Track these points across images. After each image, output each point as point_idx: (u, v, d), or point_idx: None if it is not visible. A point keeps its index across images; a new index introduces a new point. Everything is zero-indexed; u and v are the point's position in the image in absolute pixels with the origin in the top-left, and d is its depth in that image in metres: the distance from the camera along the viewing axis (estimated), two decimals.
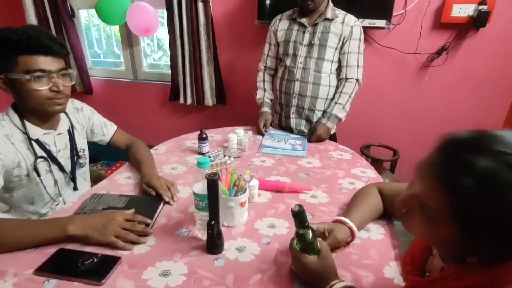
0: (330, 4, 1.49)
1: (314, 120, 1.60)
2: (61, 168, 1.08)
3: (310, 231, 0.68)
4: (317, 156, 1.39)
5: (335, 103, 1.54)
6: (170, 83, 2.37)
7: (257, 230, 0.88)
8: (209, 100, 2.32)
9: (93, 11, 2.41)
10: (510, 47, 1.75)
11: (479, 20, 1.69)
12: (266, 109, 1.69)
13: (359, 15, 1.65)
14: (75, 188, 1.15)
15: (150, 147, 1.35)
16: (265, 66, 1.73)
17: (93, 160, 2.67)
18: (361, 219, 0.86)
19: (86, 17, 2.62)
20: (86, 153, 1.21)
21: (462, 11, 1.71)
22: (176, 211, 0.96)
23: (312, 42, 1.50)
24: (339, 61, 1.54)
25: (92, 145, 1.27)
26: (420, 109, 2.01)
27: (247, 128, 1.66)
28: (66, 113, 1.12)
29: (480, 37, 1.76)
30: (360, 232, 0.86)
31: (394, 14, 1.80)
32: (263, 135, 1.59)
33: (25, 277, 0.70)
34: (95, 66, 2.71)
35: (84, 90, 2.64)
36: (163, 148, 1.42)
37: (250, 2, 2.01)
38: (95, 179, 1.32)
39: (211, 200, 0.73)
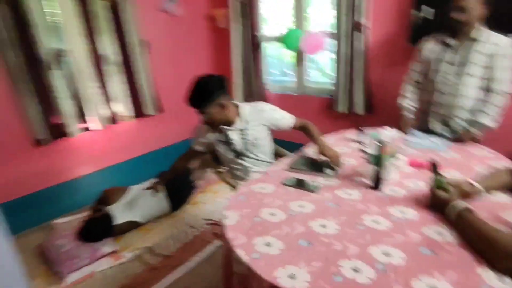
0: (477, 25, 1.74)
1: (456, 127, 1.89)
2: (232, 149, 1.82)
3: (442, 178, 1.12)
4: (458, 152, 1.71)
5: (484, 113, 1.77)
6: (328, 96, 3.02)
7: (404, 183, 1.37)
8: (359, 109, 2.84)
9: (271, 43, 3.37)
10: None
11: None
12: (408, 113, 2.08)
13: (506, 30, 1.79)
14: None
15: None
16: (410, 78, 2.11)
17: None
18: (488, 184, 1.20)
19: (266, 47, 3.60)
20: (261, 141, 1.83)
21: None
22: (350, 170, 1.54)
23: (459, 60, 1.81)
24: (485, 75, 1.77)
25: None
26: None
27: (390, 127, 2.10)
28: (240, 117, 1.77)
29: None
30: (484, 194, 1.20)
31: None
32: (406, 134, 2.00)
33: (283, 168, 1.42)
34: (270, 83, 3.66)
35: (258, 99, 3.59)
36: (330, 138, 2.04)
37: (403, 28, 2.45)
38: (279, 155, 2.06)
39: (378, 155, 1.27)
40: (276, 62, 3.65)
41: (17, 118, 2.48)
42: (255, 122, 1.81)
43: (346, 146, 1.89)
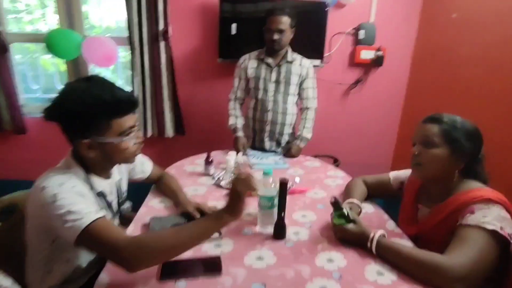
0: (289, 49, 1.91)
1: (282, 141, 2.00)
2: (114, 214, 1.10)
3: (345, 210, 1.03)
4: (297, 166, 1.77)
5: (304, 127, 1.95)
6: None
7: (296, 220, 1.18)
8: (169, 131, 2.46)
9: (28, 45, 2.32)
10: (398, 77, 2.54)
11: (377, 61, 2.41)
12: (241, 133, 1.99)
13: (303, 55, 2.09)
14: None
15: None
16: (235, 97, 2.03)
17: None
18: (359, 199, 1.25)
19: (20, 51, 2.45)
20: (125, 195, 1.21)
21: (367, 55, 2.42)
22: None
23: (279, 80, 1.90)
24: (299, 94, 1.97)
25: None
26: (349, 124, 2.64)
27: (232, 151, 1.90)
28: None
29: (379, 72, 2.51)
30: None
31: (325, 55, 2.38)
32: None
33: (152, 283, 0.84)
34: (30, 103, 2.52)
35: (13, 129, 2.42)
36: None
37: (211, 44, 2.32)
38: None
39: (282, 198, 1.02)
40: (35, 74, 2.56)
41: None
42: (123, 169, 1.20)
43: (196, 183, 1.50)
